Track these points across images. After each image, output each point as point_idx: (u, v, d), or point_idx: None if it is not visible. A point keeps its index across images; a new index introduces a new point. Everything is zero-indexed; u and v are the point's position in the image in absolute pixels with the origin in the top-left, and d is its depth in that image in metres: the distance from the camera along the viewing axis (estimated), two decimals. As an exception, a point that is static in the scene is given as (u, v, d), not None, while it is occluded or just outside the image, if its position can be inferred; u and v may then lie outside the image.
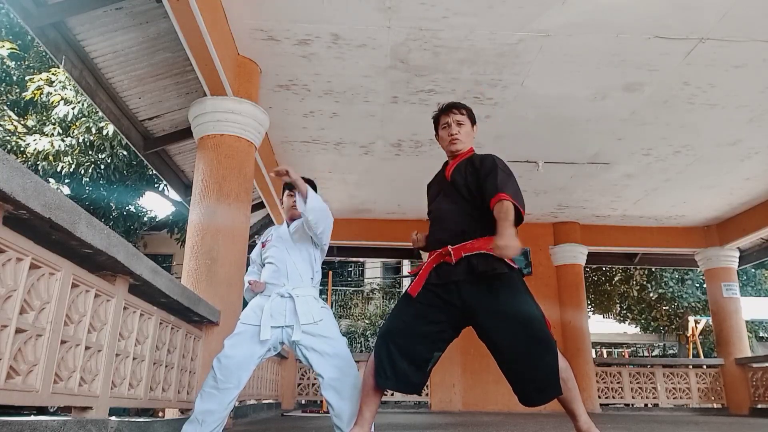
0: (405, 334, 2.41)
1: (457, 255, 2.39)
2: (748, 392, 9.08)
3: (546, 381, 2.25)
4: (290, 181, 2.76)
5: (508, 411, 8.53)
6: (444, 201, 2.59)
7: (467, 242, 2.41)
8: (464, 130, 2.67)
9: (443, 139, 2.69)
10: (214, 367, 2.76)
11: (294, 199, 3.03)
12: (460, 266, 2.38)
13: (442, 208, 2.58)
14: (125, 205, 12.31)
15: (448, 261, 2.43)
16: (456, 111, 2.67)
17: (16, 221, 1.83)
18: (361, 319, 19.93)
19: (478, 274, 2.34)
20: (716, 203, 8.70)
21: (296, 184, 2.77)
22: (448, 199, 2.57)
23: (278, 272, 2.93)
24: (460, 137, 2.64)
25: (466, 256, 2.38)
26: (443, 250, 2.45)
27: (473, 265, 2.35)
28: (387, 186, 8.17)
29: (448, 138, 2.65)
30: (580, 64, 5.12)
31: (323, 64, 5.19)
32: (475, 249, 2.38)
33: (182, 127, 6.32)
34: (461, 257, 2.38)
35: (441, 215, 2.58)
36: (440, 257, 2.46)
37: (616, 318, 18.39)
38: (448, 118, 2.67)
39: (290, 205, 3.06)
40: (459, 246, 2.41)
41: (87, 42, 4.94)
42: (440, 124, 2.71)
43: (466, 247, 2.40)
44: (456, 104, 2.71)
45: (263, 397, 6.85)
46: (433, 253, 2.53)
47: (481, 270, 2.33)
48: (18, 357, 1.88)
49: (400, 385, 2.39)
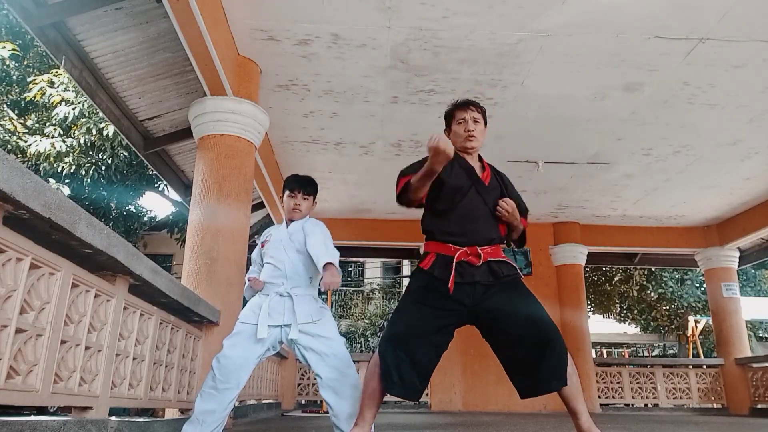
0: (413, 340, 2.39)
1: (484, 258, 2.46)
2: (748, 392, 9.08)
3: (554, 372, 2.30)
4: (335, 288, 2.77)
5: (508, 411, 8.53)
6: (478, 201, 2.57)
7: (490, 247, 2.51)
8: (479, 128, 2.66)
9: (457, 134, 2.65)
10: (214, 368, 2.76)
11: (296, 201, 3.02)
12: (482, 269, 2.44)
13: (478, 208, 2.56)
14: (125, 205, 12.31)
15: (472, 262, 2.44)
16: (474, 108, 2.66)
17: (16, 221, 1.83)
18: (361, 319, 19.94)
19: (500, 278, 2.44)
20: (716, 203, 8.70)
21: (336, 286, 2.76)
22: (482, 201, 2.57)
23: (277, 272, 2.93)
24: (476, 134, 2.64)
25: (489, 260, 2.46)
26: (471, 250, 2.45)
27: (495, 270, 2.45)
28: (387, 186, 8.06)
29: (465, 134, 2.62)
30: (580, 64, 5.12)
31: (323, 64, 5.19)
32: (494, 255, 2.49)
33: (182, 127, 6.32)
34: (486, 261, 2.46)
35: (474, 214, 2.55)
36: (465, 255, 2.45)
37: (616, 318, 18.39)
38: (465, 114, 2.64)
39: (291, 206, 3.04)
40: (484, 249, 2.48)
41: (87, 42, 4.94)
42: (455, 119, 2.68)
43: (488, 251, 2.48)
44: (474, 102, 2.71)
45: (263, 397, 6.85)
46: (444, 246, 2.50)
47: (505, 274, 2.46)
48: (18, 357, 1.88)
49: (406, 392, 2.39)
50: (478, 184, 2.60)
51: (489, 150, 6.74)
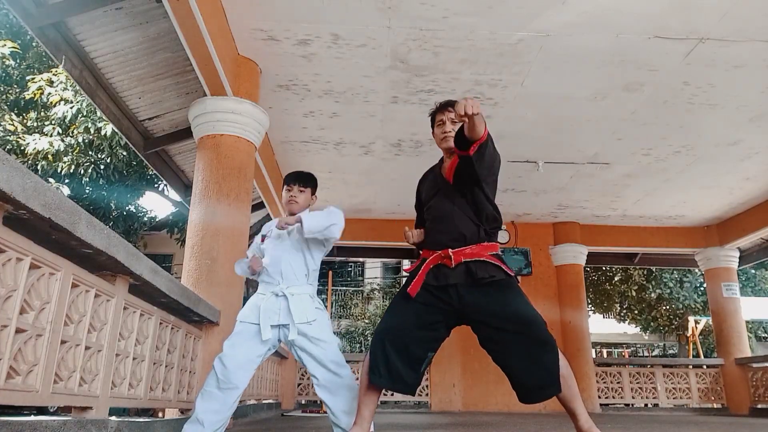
0: (400, 333, 2.41)
1: (456, 259, 2.41)
2: (748, 392, 9.08)
3: (546, 379, 2.27)
4: (284, 228, 2.88)
5: (508, 411, 8.53)
6: (444, 201, 2.56)
7: (467, 247, 2.44)
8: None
9: (437, 136, 2.70)
10: (215, 368, 2.77)
11: (291, 193, 3.06)
12: (458, 270, 2.40)
13: (443, 209, 2.56)
14: (125, 205, 12.30)
15: (446, 264, 2.43)
16: (451, 109, 2.65)
17: (16, 221, 1.83)
18: (361, 319, 19.91)
19: (476, 280, 2.37)
20: (716, 203, 8.70)
21: (287, 225, 2.89)
22: (448, 200, 2.55)
23: (273, 269, 2.95)
24: (453, 134, 2.62)
25: (465, 261, 2.40)
26: (443, 253, 2.44)
27: (472, 271, 2.38)
28: (387, 186, 8.17)
29: (441, 135, 2.65)
30: (580, 64, 5.12)
31: (323, 64, 5.19)
32: (474, 255, 2.41)
33: (182, 127, 6.32)
34: (460, 262, 2.40)
35: (441, 215, 2.55)
36: (439, 258, 2.46)
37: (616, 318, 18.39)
38: (443, 116, 2.67)
39: (287, 199, 3.08)
40: (459, 250, 2.42)
41: (87, 42, 4.95)
42: (435, 122, 2.72)
43: (465, 252, 2.42)
44: (451, 102, 2.68)
45: (263, 397, 6.85)
46: (429, 252, 2.52)
47: (480, 276, 2.37)
48: (18, 357, 1.88)
49: (393, 384, 2.39)
50: (442, 183, 2.62)
51: (489, 150, 6.79)
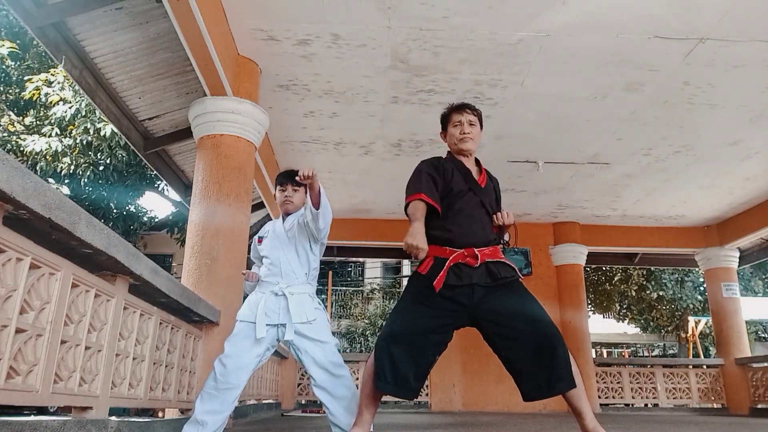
0: (410, 339, 2.39)
1: (482, 259, 2.47)
2: (748, 392, 9.09)
3: (563, 372, 2.30)
4: (309, 183, 2.72)
5: (508, 411, 8.53)
6: (475, 203, 2.61)
7: (488, 248, 2.52)
8: (475, 131, 2.72)
9: (453, 136, 2.72)
10: (215, 369, 2.78)
11: (286, 193, 3.06)
12: (480, 270, 2.45)
13: (476, 211, 2.61)
14: (125, 205, 12.30)
15: (470, 263, 2.45)
16: (470, 111, 2.73)
17: (16, 221, 1.83)
18: (361, 319, 19.91)
19: (497, 280, 2.44)
20: (716, 203, 8.70)
21: (313, 186, 2.74)
22: (480, 203, 2.61)
23: (273, 269, 2.95)
24: (472, 136, 2.70)
25: (487, 261, 2.47)
26: (468, 251, 2.47)
27: (492, 271, 2.45)
28: (387, 186, 8.17)
29: (460, 135, 2.69)
30: (580, 64, 5.12)
31: (323, 64, 5.19)
32: (495, 257, 2.50)
33: (182, 127, 6.32)
34: (483, 262, 2.46)
35: (472, 215, 2.58)
36: (462, 257, 2.46)
37: (616, 318, 18.39)
38: (461, 116, 2.71)
39: (282, 199, 3.08)
40: (480, 250, 2.49)
41: (87, 42, 4.94)
42: (451, 122, 2.74)
43: (486, 252, 2.49)
44: (470, 105, 2.78)
45: (263, 397, 6.85)
46: (446, 250, 2.49)
47: (502, 276, 2.45)
48: (18, 357, 1.88)
49: (399, 390, 2.38)
50: (475, 186, 2.64)
51: (489, 150, 6.81)
